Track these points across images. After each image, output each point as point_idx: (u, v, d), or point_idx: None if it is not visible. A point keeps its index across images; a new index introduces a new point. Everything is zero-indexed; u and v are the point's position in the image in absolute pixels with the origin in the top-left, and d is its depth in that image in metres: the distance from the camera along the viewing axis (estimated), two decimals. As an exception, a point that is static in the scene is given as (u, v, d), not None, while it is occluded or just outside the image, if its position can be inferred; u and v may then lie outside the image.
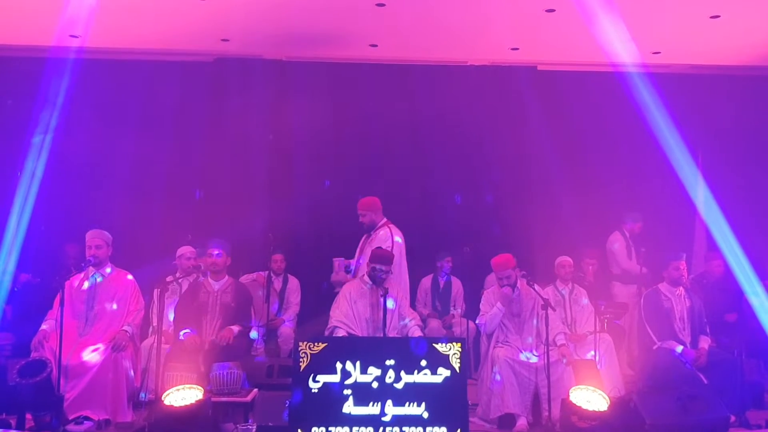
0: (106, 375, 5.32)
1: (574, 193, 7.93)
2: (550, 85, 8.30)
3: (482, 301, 6.11)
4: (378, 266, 5.87)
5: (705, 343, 6.06)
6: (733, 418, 5.43)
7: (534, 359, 5.70)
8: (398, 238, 6.20)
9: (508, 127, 8.25)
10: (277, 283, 7.45)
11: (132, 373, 5.51)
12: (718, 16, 6.95)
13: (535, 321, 5.90)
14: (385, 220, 6.32)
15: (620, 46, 7.13)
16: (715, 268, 7.05)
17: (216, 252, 5.96)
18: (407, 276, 6.38)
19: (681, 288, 6.25)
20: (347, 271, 6.30)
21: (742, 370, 5.87)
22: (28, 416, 4.98)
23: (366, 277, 5.96)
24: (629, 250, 7.65)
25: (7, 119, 7.69)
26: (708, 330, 6.20)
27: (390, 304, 5.80)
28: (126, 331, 5.55)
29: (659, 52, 7.90)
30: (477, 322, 6.09)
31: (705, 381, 5.74)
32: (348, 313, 5.87)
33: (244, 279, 7.05)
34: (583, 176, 8.09)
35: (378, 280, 5.87)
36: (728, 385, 5.73)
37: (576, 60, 8.22)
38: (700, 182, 7.81)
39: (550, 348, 5.49)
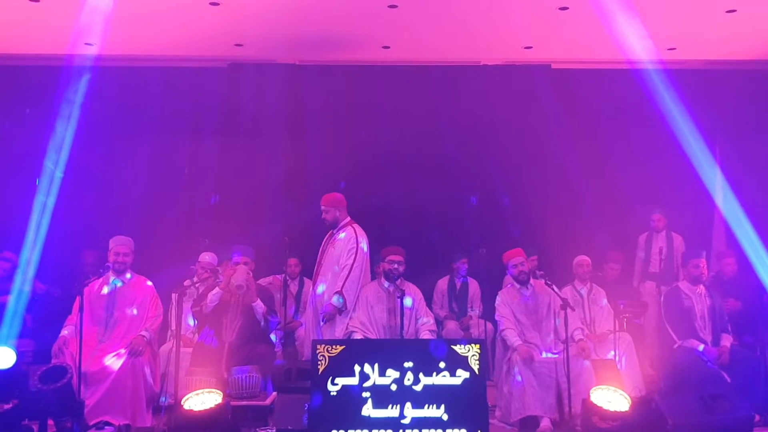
0: (125, 380, 5.34)
1: (591, 192, 7.89)
2: (565, 84, 8.27)
3: (498, 302, 6.02)
4: (393, 258, 5.81)
5: (727, 341, 5.98)
6: (757, 417, 5.37)
7: (555, 355, 5.66)
8: (363, 245, 5.90)
9: (523, 127, 8.22)
10: (294, 287, 7.46)
11: (151, 377, 5.52)
12: (734, 11, 6.88)
13: (554, 321, 5.85)
14: (348, 219, 6.04)
15: (635, 43, 7.08)
16: (725, 267, 6.95)
17: (242, 261, 5.95)
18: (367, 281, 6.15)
19: (701, 286, 6.19)
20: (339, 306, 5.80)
21: (765, 367, 5.79)
22: (50, 422, 5.01)
23: (383, 280, 5.92)
24: (647, 252, 7.61)
25: (26, 128, 7.76)
26: (729, 328, 6.12)
27: (407, 302, 5.76)
28: (143, 336, 5.56)
29: (675, 48, 7.83)
30: (499, 333, 5.97)
31: (728, 379, 5.67)
32: (363, 319, 5.83)
33: (263, 282, 7.06)
34: (601, 174, 8.05)
35: (395, 275, 5.80)
36: (751, 384, 5.66)
37: (590, 57, 8.18)
38: (718, 178, 7.74)
39: (568, 344, 5.45)
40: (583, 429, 5.15)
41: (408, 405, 4.61)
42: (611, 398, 5.03)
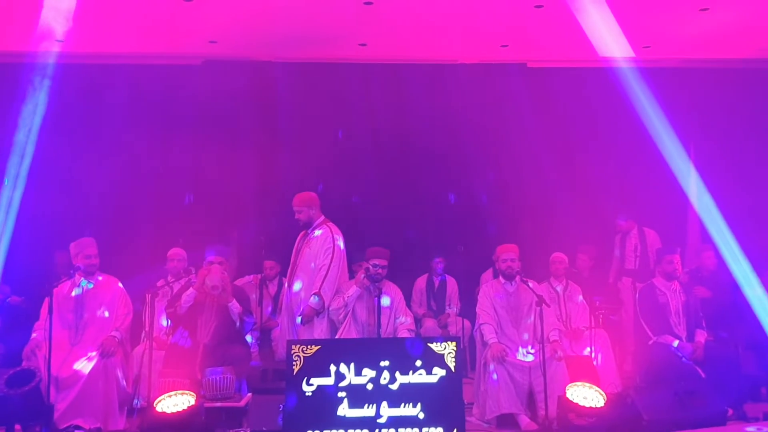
0: (97, 383, 5.26)
1: (567, 190, 7.91)
2: (541, 82, 8.28)
3: (480, 294, 6.04)
4: (377, 262, 5.78)
5: (701, 336, 6.03)
6: (730, 412, 5.40)
7: (530, 357, 5.66)
8: (340, 242, 5.87)
9: (500, 125, 8.22)
10: (272, 287, 7.39)
11: (123, 379, 5.44)
12: (706, 9, 6.93)
13: (530, 319, 5.85)
14: (322, 217, 5.99)
15: (610, 41, 7.11)
16: (706, 260, 7.03)
17: (216, 260, 5.87)
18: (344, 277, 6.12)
19: (676, 282, 6.23)
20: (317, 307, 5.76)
21: (738, 363, 5.84)
22: (18, 427, 4.92)
23: (363, 279, 5.88)
24: (622, 250, 7.67)
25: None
26: (704, 324, 6.17)
27: (385, 301, 5.74)
28: (114, 337, 5.48)
29: (649, 46, 7.88)
30: (476, 327, 5.96)
31: (702, 375, 5.71)
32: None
33: (240, 282, 6.99)
34: (576, 172, 8.07)
35: (376, 278, 5.76)
36: (725, 379, 5.69)
37: (566, 56, 8.20)
38: (692, 175, 7.79)
39: (544, 344, 5.45)
40: (559, 426, 5.16)
41: (384, 404, 4.59)
42: (587, 394, 5.05)
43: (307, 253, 5.91)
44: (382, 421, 4.56)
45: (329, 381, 4.60)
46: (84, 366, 5.30)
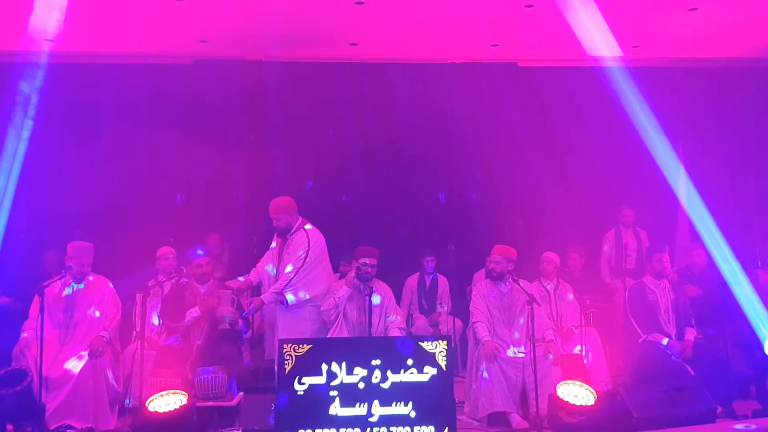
0: (87, 383, 5.25)
1: (557, 189, 7.95)
2: (531, 81, 8.31)
3: (474, 293, 6.06)
4: (366, 261, 5.78)
5: (690, 334, 6.06)
6: (719, 409, 5.43)
7: (520, 356, 5.69)
8: (317, 245, 5.76)
9: (490, 125, 8.25)
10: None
11: (113, 379, 5.43)
12: (695, 9, 6.98)
13: (523, 319, 5.87)
14: (300, 220, 5.86)
15: (600, 40, 7.14)
16: (697, 258, 7.07)
17: (205, 261, 5.86)
18: (331, 275, 6.12)
19: (665, 280, 6.27)
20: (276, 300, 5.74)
21: (728, 360, 5.88)
22: (9, 427, 4.90)
23: (354, 279, 5.88)
24: (619, 248, 7.68)
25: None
26: (693, 322, 6.21)
27: (375, 300, 5.75)
28: (102, 337, 5.48)
29: (638, 46, 7.92)
30: (470, 325, 5.99)
31: (692, 372, 5.74)
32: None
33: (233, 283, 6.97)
34: (566, 172, 8.11)
35: (366, 277, 5.77)
36: (714, 376, 5.73)
37: (556, 55, 8.23)
38: (681, 174, 7.84)
39: (538, 343, 5.47)
40: (550, 424, 5.19)
41: (376, 403, 4.60)
42: (577, 393, 5.07)
43: (286, 259, 5.88)
44: (373, 419, 4.57)
45: (321, 380, 4.60)
46: (74, 365, 5.29)
